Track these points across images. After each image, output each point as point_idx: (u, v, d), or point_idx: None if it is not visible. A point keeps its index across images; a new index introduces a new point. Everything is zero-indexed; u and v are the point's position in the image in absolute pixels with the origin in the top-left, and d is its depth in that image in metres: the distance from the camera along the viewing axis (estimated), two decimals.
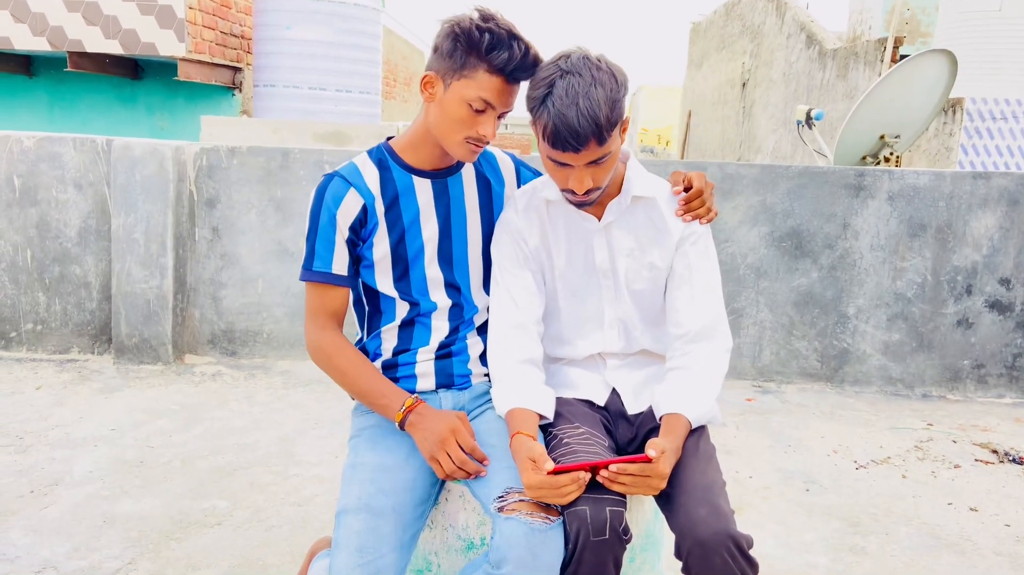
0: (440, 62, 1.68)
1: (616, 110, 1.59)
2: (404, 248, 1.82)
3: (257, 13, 6.89)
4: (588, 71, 1.58)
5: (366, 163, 1.82)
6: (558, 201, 1.82)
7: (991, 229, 4.20)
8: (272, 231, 4.37)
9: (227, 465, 3.15)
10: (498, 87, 1.65)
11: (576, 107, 1.55)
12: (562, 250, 1.85)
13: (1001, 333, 4.28)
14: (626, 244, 1.82)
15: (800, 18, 9.13)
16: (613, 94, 1.58)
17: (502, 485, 1.62)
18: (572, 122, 1.55)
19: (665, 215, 1.82)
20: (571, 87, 1.56)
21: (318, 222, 1.78)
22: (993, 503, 3.06)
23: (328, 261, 1.79)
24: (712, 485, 1.60)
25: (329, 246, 1.79)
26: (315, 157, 4.32)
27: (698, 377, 1.75)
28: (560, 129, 1.56)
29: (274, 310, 4.43)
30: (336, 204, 1.77)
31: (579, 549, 1.52)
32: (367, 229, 1.80)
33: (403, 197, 1.81)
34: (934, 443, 3.66)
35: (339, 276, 1.81)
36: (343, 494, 1.70)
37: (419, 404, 1.74)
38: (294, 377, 4.23)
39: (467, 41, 1.63)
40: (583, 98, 1.55)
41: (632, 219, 1.82)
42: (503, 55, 1.62)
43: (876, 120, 4.51)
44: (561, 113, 1.56)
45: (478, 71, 1.64)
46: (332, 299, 1.83)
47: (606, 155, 1.62)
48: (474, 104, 1.66)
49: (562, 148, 1.59)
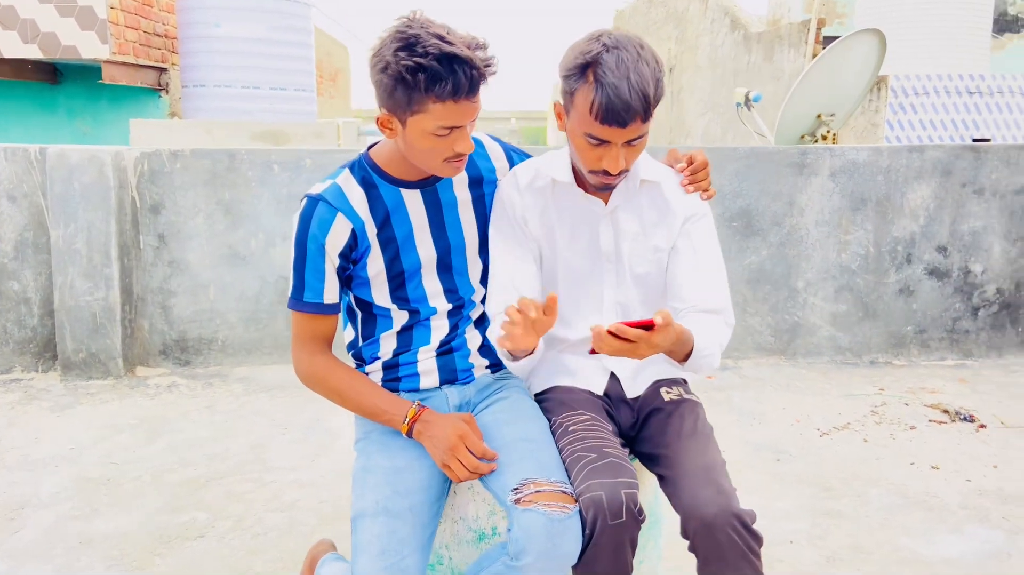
0: (386, 102, 1.59)
1: (659, 89, 1.59)
2: (399, 264, 1.78)
3: (182, 11, 6.68)
4: (633, 47, 1.58)
5: (349, 182, 1.74)
6: (565, 183, 1.80)
7: (927, 199, 4.39)
8: (222, 235, 4.26)
9: (199, 477, 3.07)
10: (455, 111, 1.56)
11: (627, 80, 1.53)
12: (565, 233, 1.83)
13: (940, 298, 4.49)
14: (631, 228, 1.82)
15: (724, 3, 9.34)
16: (657, 72, 1.59)
17: (516, 476, 1.62)
18: (625, 95, 1.53)
19: (668, 198, 1.82)
20: (621, 61, 1.54)
21: (305, 251, 1.71)
22: (951, 461, 3.21)
23: (319, 291, 1.74)
24: (713, 464, 1.63)
25: (319, 275, 1.72)
26: (263, 158, 4.22)
27: (709, 323, 1.73)
28: (613, 101, 1.53)
29: (228, 316, 4.33)
30: (324, 232, 1.69)
31: (596, 533, 1.53)
32: (358, 252, 1.75)
33: (394, 215, 1.75)
34: (888, 407, 3.81)
35: (330, 305, 1.76)
36: (357, 499, 1.68)
37: (423, 412, 1.71)
38: (254, 383, 4.14)
39: (402, 83, 1.52)
40: (633, 72, 1.54)
41: (637, 203, 1.82)
42: (447, 87, 1.51)
43: (813, 100, 4.66)
44: (614, 85, 1.53)
45: (427, 104, 1.54)
46: (323, 326, 1.79)
47: (644, 134, 1.62)
48: (438, 133, 1.58)
49: (610, 122, 1.57)
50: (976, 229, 4.43)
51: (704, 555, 1.56)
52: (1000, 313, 4.53)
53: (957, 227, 4.42)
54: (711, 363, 1.70)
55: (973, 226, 4.43)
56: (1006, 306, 4.52)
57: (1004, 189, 4.41)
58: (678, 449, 1.67)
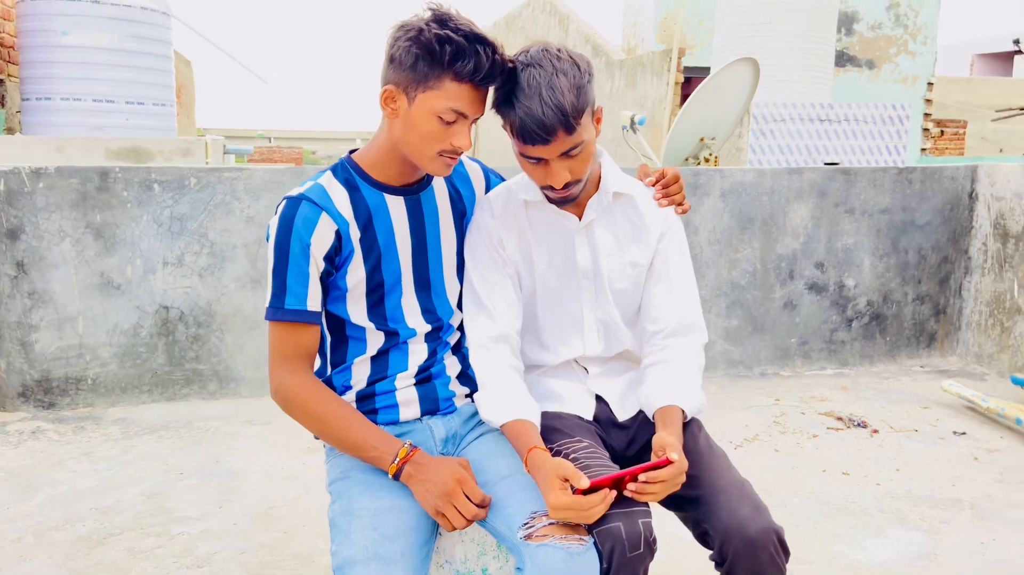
0: (399, 74, 1.55)
1: (582, 97, 1.58)
2: (380, 274, 1.68)
3: (22, 18, 6.06)
4: (548, 62, 1.57)
5: (332, 183, 1.65)
6: (536, 202, 1.78)
7: (805, 219, 4.66)
8: (92, 262, 3.85)
9: (92, 534, 2.72)
10: (468, 95, 1.54)
11: (539, 98, 1.53)
12: (543, 252, 1.80)
13: (819, 311, 4.76)
14: (607, 243, 1.80)
15: (584, 31, 9.61)
16: (576, 80, 1.57)
17: (520, 510, 1.52)
18: (537, 113, 1.53)
19: (643, 212, 1.81)
20: (532, 79, 1.54)
21: (287, 253, 1.59)
22: (858, 466, 3.38)
23: (303, 297, 1.61)
24: (744, 483, 1.62)
25: (303, 280, 1.60)
26: (141, 176, 3.86)
27: (683, 369, 1.76)
28: (527, 122, 1.54)
29: (99, 352, 3.91)
30: (309, 232, 1.58)
31: (615, 567, 1.48)
32: (341, 257, 1.64)
33: (376, 218, 1.66)
34: (787, 417, 3.97)
35: (314, 313, 1.63)
36: (340, 545, 1.52)
37: (415, 453, 1.59)
38: (134, 425, 3.75)
39: (428, 52, 1.51)
40: (546, 88, 1.53)
41: (612, 218, 1.80)
42: (469, 64, 1.51)
43: (696, 124, 4.85)
44: (525, 106, 1.54)
45: (444, 81, 1.52)
46: (305, 338, 1.64)
47: (579, 144, 1.60)
48: (445, 116, 1.54)
49: (532, 142, 1.57)
50: (848, 246, 4.74)
51: (742, 573, 1.53)
52: (870, 324, 4.86)
53: (832, 244, 4.71)
54: (702, 411, 1.78)
55: (846, 243, 4.74)
56: (875, 317, 4.86)
57: (871, 208, 4.74)
58: (702, 467, 1.63)
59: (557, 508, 1.45)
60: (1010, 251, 4.61)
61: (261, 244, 4.03)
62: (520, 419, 1.64)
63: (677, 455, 1.49)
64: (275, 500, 3.01)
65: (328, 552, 2.62)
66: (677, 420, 1.65)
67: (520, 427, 1.62)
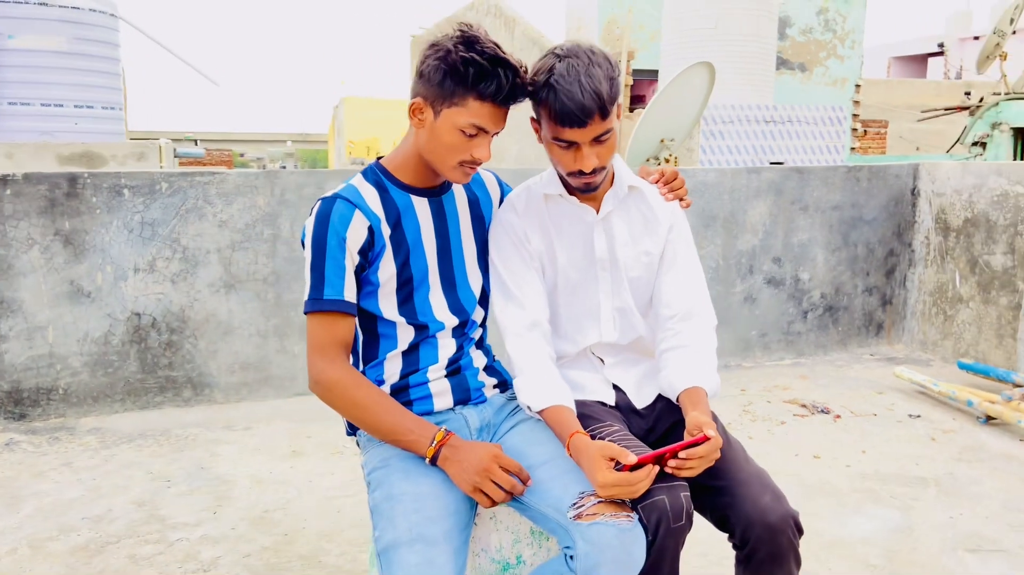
0: (427, 89, 1.67)
1: (614, 87, 1.71)
2: (409, 270, 1.77)
3: None
4: (584, 54, 1.70)
5: (364, 184, 1.77)
6: (556, 195, 1.88)
7: (764, 216, 4.85)
8: (62, 270, 3.77)
9: (89, 543, 2.69)
10: (490, 113, 1.66)
11: (579, 83, 1.65)
12: (564, 245, 1.90)
13: (777, 304, 4.96)
14: (623, 233, 1.90)
15: (531, 34, 9.73)
16: (609, 72, 1.70)
17: (566, 492, 1.60)
18: (577, 96, 1.64)
19: (653, 205, 1.93)
20: (571, 67, 1.66)
21: (325, 247, 1.68)
22: (826, 450, 3.55)
23: (340, 288, 1.70)
24: (761, 472, 1.73)
25: (340, 271, 1.69)
26: (110, 181, 3.80)
27: (699, 353, 1.86)
28: (567, 104, 1.65)
29: (71, 361, 3.83)
30: (344, 226, 1.69)
31: (661, 538, 1.56)
32: (374, 252, 1.73)
33: (405, 217, 1.77)
34: (755, 406, 4.14)
35: (351, 303, 1.72)
36: (384, 529, 1.58)
37: (450, 437, 1.66)
38: (110, 434, 3.69)
39: (454, 72, 1.62)
40: (584, 75, 1.65)
41: (626, 210, 1.92)
42: (491, 86, 1.63)
43: (657, 126, 5.00)
44: (566, 90, 1.65)
45: (468, 99, 1.64)
46: (343, 329, 1.72)
47: (608, 131, 1.72)
48: (467, 130, 1.66)
49: (570, 124, 1.68)
50: (803, 241, 4.95)
51: (763, 557, 1.65)
52: (824, 315, 5.08)
53: (789, 240, 4.92)
54: (718, 390, 1.86)
55: (801, 239, 4.95)
56: (828, 308, 5.09)
57: (824, 205, 4.97)
58: (723, 459, 1.72)
59: (605, 486, 1.53)
60: (951, 244, 4.89)
61: (235, 248, 4.01)
62: (559, 405, 1.72)
63: (713, 432, 1.59)
64: (269, 504, 3.01)
65: (333, 553, 2.66)
66: (704, 400, 1.74)
67: (559, 413, 1.71)
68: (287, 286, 4.11)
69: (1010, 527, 2.82)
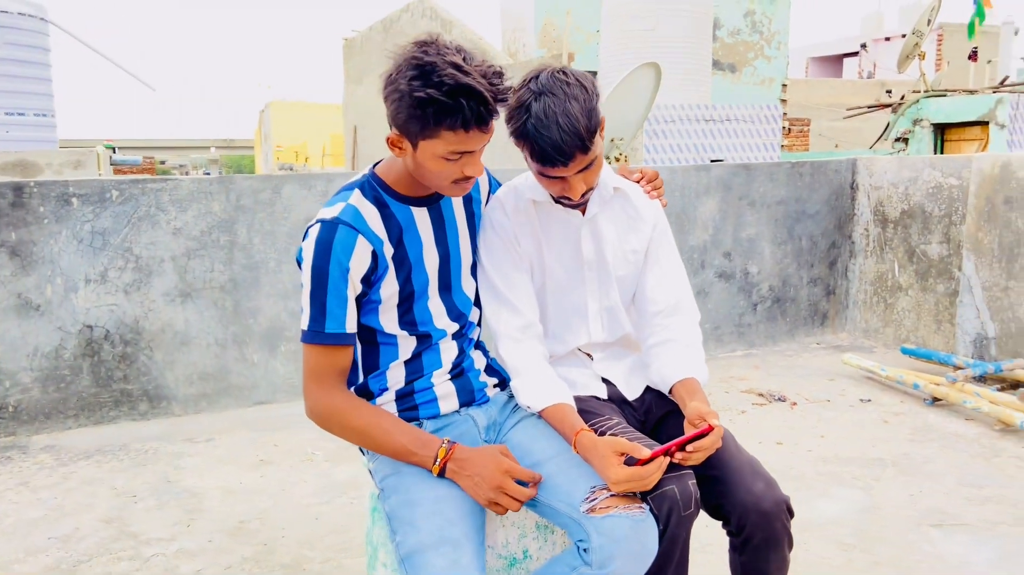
0: (398, 125, 1.58)
1: (593, 118, 1.69)
2: (411, 285, 1.74)
3: None
4: (560, 88, 1.67)
5: (363, 203, 1.68)
6: (543, 202, 1.89)
7: (713, 212, 4.97)
8: (8, 282, 3.63)
9: (59, 563, 2.60)
10: (465, 139, 1.56)
11: (557, 125, 1.63)
12: (552, 247, 1.91)
13: (728, 297, 5.09)
14: (609, 234, 1.93)
15: (468, 36, 9.74)
16: (587, 104, 1.67)
17: (576, 487, 1.62)
18: (556, 141, 1.63)
19: (637, 204, 1.96)
20: (547, 108, 1.64)
21: (327, 278, 1.62)
22: (787, 436, 3.67)
23: (342, 321, 1.65)
24: (753, 460, 1.77)
25: (342, 303, 1.64)
26: (58, 190, 3.67)
27: (688, 346, 1.91)
28: (547, 150, 1.64)
29: (19, 377, 3.68)
30: (348, 256, 1.62)
31: (672, 526, 1.61)
32: (377, 275, 1.69)
33: (407, 233, 1.73)
34: (714, 396, 4.25)
35: (352, 335, 1.69)
36: (406, 534, 1.58)
37: (453, 450, 1.65)
38: (66, 452, 3.56)
39: (415, 112, 1.52)
40: (561, 116, 1.63)
41: (611, 210, 1.94)
42: (457, 121, 1.51)
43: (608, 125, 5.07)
44: (543, 135, 1.63)
45: (440, 131, 1.54)
46: (342, 359, 1.69)
47: (594, 160, 1.72)
48: (449, 158, 1.58)
49: (552, 165, 1.67)
50: (751, 236, 5.10)
51: (758, 543, 1.70)
52: (772, 307, 5.24)
53: (738, 234, 5.05)
54: (707, 381, 1.90)
55: (749, 233, 5.09)
56: (776, 300, 5.25)
57: (769, 200, 5.12)
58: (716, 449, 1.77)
59: (619, 482, 1.56)
60: (889, 235, 5.10)
61: (190, 256, 3.92)
62: (559, 403, 1.74)
63: (717, 421, 1.64)
64: (243, 515, 2.96)
65: (317, 560, 2.64)
66: (700, 390, 1.80)
67: (560, 411, 1.73)
68: (245, 294, 4.03)
69: (968, 501, 2.96)
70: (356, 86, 14.52)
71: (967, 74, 13.54)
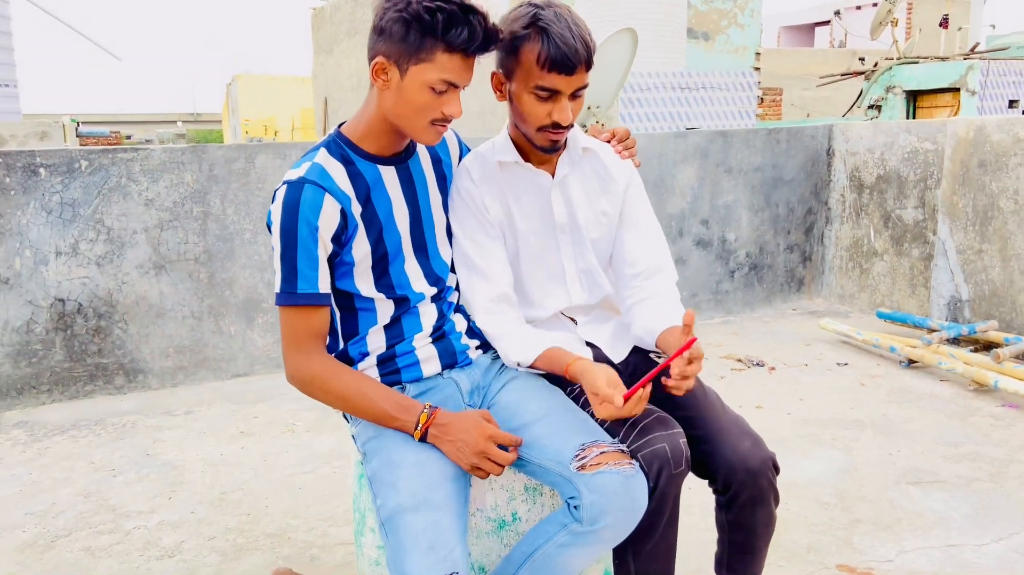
0: (390, 46, 1.56)
1: (593, 41, 1.69)
2: (383, 245, 1.71)
3: None
4: (563, 7, 1.68)
5: (329, 161, 1.65)
6: (510, 163, 1.85)
7: (691, 179, 4.97)
8: None
9: (37, 538, 2.56)
10: (459, 65, 1.56)
11: (571, 30, 1.63)
12: (522, 211, 1.87)
13: (706, 265, 5.11)
14: (580, 196, 1.89)
15: None
16: (587, 27, 1.69)
17: (566, 445, 1.61)
18: (570, 41, 1.62)
19: (608, 165, 1.92)
20: (559, 15, 1.65)
21: (295, 237, 1.59)
22: (766, 400, 3.71)
23: (314, 281, 1.62)
24: (739, 419, 1.78)
25: (313, 263, 1.61)
26: (24, 160, 3.57)
27: (670, 302, 1.88)
28: (561, 48, 1.62)
29: None
30: (316, 214, 1.59)
31: (663, 484, 1.60)
32: (347, 234, 1.65)
33: (374, 191, 1.69)
34: None
35: (325, 295, 1.65)
36: (387, 496, 1.57)
37: (435, 415, 1.63)
38: (39, 427, 3.50)
39: (418, 22, 1.51)
40: (572, 23, 1.64)
41: (581, 172, 1.90)
42: (462, 35, 1.52)
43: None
44: (559, 34, 1.62)
45: (436, 53, 1.54)
46: (318, 320, 1.66)
47: (585, 86, 1.70)
48: (437, 87, 1.57)
49: (559, 70, 1.64)
50: (729, 203, 5.11)
51: (745, 500, 1.71)
52: (749, 274, 5.27)
53: (715, 202, 5.06)
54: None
55: (726, 200, 5.10)
56: (753, 267, 5.27)
57: (746, 167, 5.13)
58: (702, 408, 1.77)
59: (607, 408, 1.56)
60: (865, 200, 5.14)
61: (163, 228, 3.84)
62: (547, 349, 1.74)
63: (693, 333, 1.60)
64: (225, 486, 2.93)
65: (302, 529, 2.62)
66: None
67: (552, 353, 1.73)
68: (220, 265, 3.97)
69: (944, 459, 3.01)
70: (326, 56, 14.26)
71: (938, 42, 13.60)
